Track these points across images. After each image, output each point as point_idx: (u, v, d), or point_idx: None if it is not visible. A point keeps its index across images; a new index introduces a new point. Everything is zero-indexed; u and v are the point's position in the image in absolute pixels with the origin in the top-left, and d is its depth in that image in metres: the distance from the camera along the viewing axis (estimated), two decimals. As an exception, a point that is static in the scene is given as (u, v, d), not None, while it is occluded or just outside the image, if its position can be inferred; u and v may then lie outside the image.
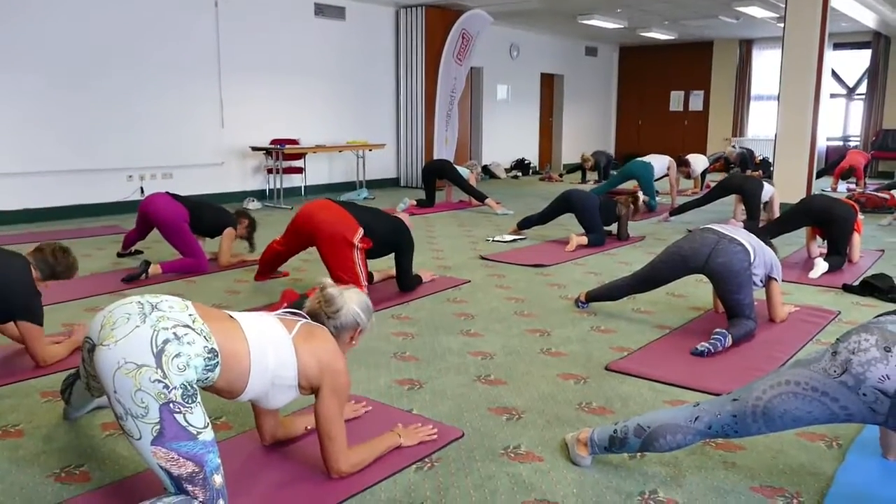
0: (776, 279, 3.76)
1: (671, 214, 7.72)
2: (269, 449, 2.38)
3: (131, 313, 1.85)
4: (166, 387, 1.77)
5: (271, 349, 2.01)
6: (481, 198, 8.57)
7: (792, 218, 5.61)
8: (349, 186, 10.42)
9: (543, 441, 2.48)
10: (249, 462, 2.29)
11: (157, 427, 1.75)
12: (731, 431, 2.02)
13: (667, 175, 8.96)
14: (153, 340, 1.80)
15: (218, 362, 1.89)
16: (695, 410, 2.09)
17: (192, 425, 1.79)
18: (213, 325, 1.93)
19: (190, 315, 1.90)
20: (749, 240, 3.62)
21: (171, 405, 1.76)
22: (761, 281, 3.67)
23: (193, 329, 1.87)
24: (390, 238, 4.36)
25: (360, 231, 4.14)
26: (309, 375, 2.07)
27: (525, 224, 6.64)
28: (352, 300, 2.26)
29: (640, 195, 7.32)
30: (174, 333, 1.83)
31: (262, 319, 2.08)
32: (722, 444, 2.45)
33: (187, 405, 1.79)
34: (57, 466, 2.29)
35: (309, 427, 2.43)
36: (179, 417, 1.77)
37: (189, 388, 1.81)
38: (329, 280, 2.29)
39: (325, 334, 2.17)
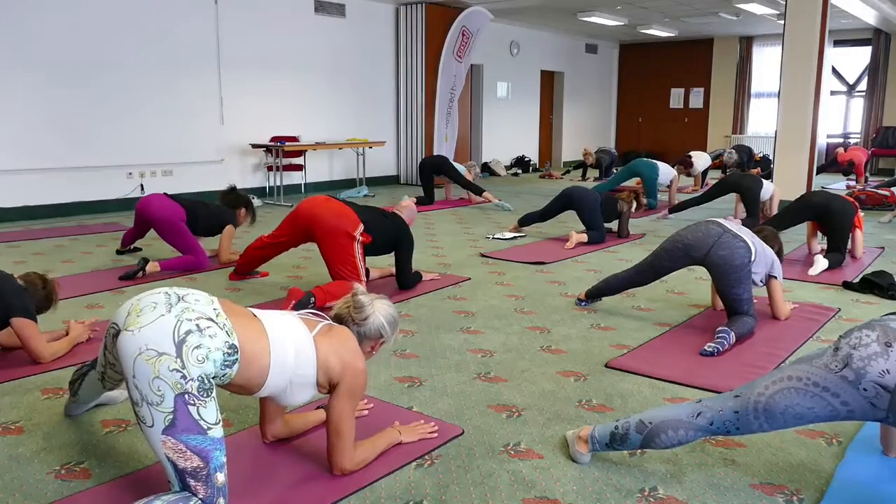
0: (777, 277, 3.77)
1: (671, 212, 7.71)
2: (270, 446, 2.38)
3: (158, 303, 1.88)
4: (184, 377, 1.78)
5: (292, 348, 2.02)
6: (479, 191, 8.58)
7: (792, 213, 5.62)
8: (349, 184, 10.42)
9: (543, 438, 2.48)
10: (250, 459, 2.29)
11: (171, 417, 1.77)
12: (732, 428, 2.03)
13: (668, 186, 8.87)
14: (176, 330, 1.81)
15: (237, 359, 1.90)
16: (697, 406, 2.10)
17: (203, 419, 1.81)
18: (235, 321, 1.94)
19: (214, 309, 1.92)
20: (752, 238, 3.63)
21: (186, 396, 1.78)
22: (762, 280, 3.68)
23: (216, 323, 1.88)
24: (390, 236, 4.36)
25: (361, 226, 4.16)
26: (329, 373, 2.08)
27: (526, 221, 6.64)
28: (380, 311, 2.27)
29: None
30: (197, 325, 1.84)
31: (285, 318, 2.09)
32: (722, 442, 2.45)
33: (202, 398, 1.81)
34: (57, 463, 2.29)
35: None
36: (193, 410, 1.79)
37: (206, 381, 1.82)
38: (361, 286, 2.31)
39: (347, 333, 2.19)
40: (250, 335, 1.95)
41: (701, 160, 10.34)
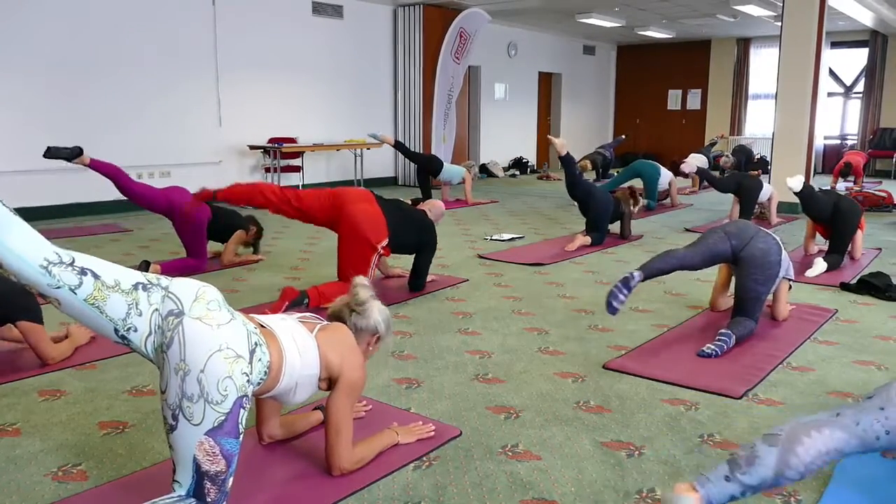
0: (790, 278, 3.84)
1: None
2: (267, 448, 2.38)
3: (220, 301, 1.88)
4: (249, 381, 1.84)
5: (297, 351, 2.05)
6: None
7: (813, 214, 5.46)
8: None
9: (541, 440, 2.48)
10: (247, 461, 2.28)
11: (223, 418, 1.77)
12: (879, 430, 1.72)
13: (668, 189, 8.89)
14: (248, 338, 1.87)
15: (266, 377, 1.96)
16: (834, 410, 1.83)
17: (241, 425, 1.83)
18: (265, 338, 1.98)
19: (254, 328, 1.95)
20: (778, 239, 3.72)
21: (244, 400, 1.82)
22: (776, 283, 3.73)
23: (262, 344, 1.94)
24: (414, 239, 4.35)
25: (386, 240, 4.13)
26: (330, 368, 2.12)
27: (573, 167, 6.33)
28: (376, 307, 2.34)
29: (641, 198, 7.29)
30: (258, 341, 1.91)
31: (286, 323, 2.11)
32: (720, 443, 2.46)
33: (248, 405, 1.85)
34: (54, 465, 2.28)
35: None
36: (241, 414, 1.82)
37: (253, 390, 1.90)
38: (362, 278, 2.38)
39: (344, 329, 2.24)
40: (273, 351, 1.99)
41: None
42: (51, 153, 4.76)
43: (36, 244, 1.68)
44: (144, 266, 4.77)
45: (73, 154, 4.80)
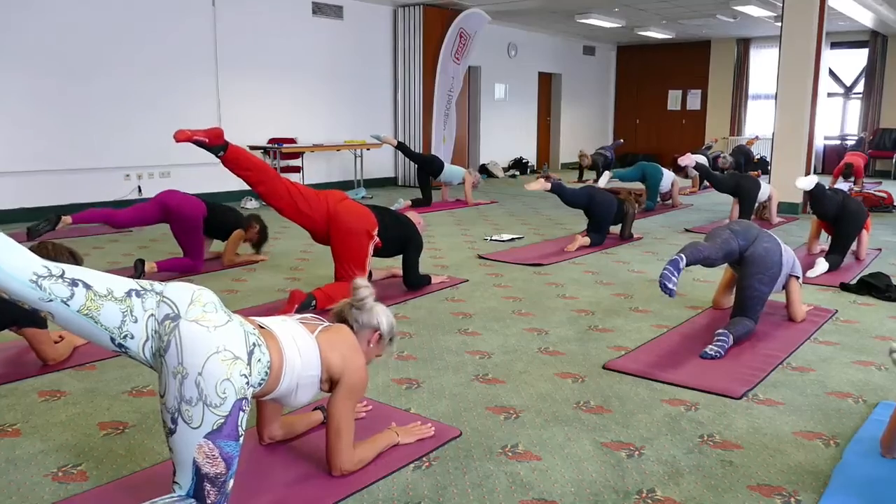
0: (797, 277, 3.83)
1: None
2: (268, 448, 2.38)
3: (216, 304, 1.88)
4: (248, 383, 1.83)
5: (297, 352, 2.05)
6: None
7: (819, 212, 5.43)
8: (347, 185, 10.41)
9: (541, 440, 2.48)
10: (248, 461, 2.28)
11: (222, 421, 1.77)
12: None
13: (670, 190, 8.92)
14: (246, 340, 1.86)
15: (266, 378, 1.96)
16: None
17: (241, 427, 1.83)
18: (266, 340, 1.99)
19: (253, 329, 1.96)
20: (780, 241, 3.73)
21: (243, 402, 1.81)
22: (782, 283, 3.73)
23: (263, 342, 1.94)
24: (400, 235, 4.39)
25: (377, 227, 4.19)
26: (332, 370, 2.12)
27: (559, 189, 6.12)
28: (378, 306, 2.34)
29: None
30: (257, 340, 1.91)
31: (287, 324, 2.11)
32: (720, 444, 2.46)
33: (248, 406, 1.85)
34: (54, 466, 2.28)
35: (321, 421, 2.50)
36: (241, 416, 1.81)
37: (254, 392, 1.90)
38: (363, 279, 2.37)
39: (346, 330, 2.24)
40: (273, 352, 1.99)
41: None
42: (33, 233, 4.61)
43: (24, 258, 1.66)
44: (139, 264, 4.76)
45: (53, 223, 4.72)
